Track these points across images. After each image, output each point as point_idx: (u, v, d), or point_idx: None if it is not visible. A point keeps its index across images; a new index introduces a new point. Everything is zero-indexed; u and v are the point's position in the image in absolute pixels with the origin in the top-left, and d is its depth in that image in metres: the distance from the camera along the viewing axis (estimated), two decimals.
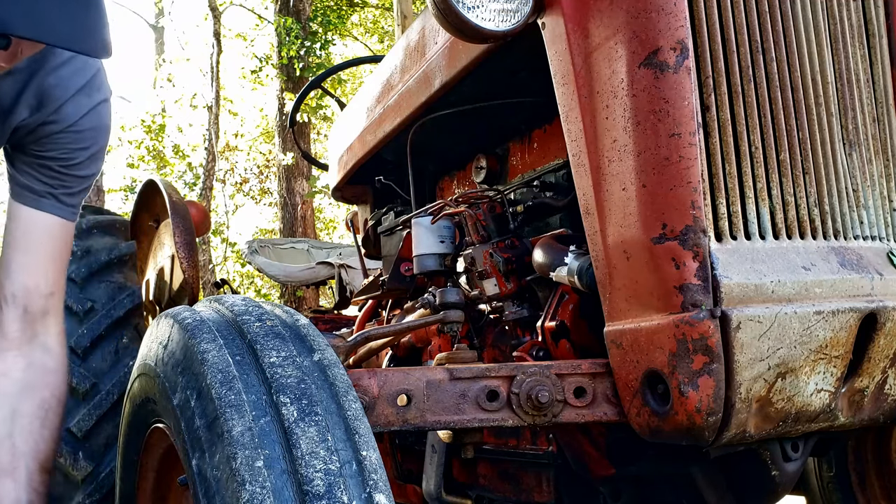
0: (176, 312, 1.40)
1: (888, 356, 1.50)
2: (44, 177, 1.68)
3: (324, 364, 1.24)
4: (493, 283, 1.89)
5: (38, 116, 1.63)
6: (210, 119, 15.04)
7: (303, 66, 11.75)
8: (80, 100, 1.66)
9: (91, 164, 1.73)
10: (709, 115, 1.42)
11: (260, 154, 19.17)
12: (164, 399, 1.31)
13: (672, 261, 1.37)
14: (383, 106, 2.44)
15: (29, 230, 1.69)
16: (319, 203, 16.70)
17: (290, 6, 12.05)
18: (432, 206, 2.12)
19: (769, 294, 1.38)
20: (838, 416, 1.47)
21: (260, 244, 5.91)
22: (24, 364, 1.67)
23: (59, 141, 1.66)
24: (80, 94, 1.65)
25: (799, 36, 1.54)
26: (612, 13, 1.44)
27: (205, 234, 5.29)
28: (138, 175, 16.85)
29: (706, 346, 1.32)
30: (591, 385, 1.49)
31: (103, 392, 2.56)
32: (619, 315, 1.47)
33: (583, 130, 1.50)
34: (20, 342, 1.68)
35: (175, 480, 1.48)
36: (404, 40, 2.32)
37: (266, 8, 16.98)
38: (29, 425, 1.62)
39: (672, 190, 1.38)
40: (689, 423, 1.34)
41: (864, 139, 1.64)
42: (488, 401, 1.47)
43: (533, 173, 2.04)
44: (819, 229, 1.52)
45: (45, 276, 1.69)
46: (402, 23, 8.99)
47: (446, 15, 1.54)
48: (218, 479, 1.09)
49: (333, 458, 1.09)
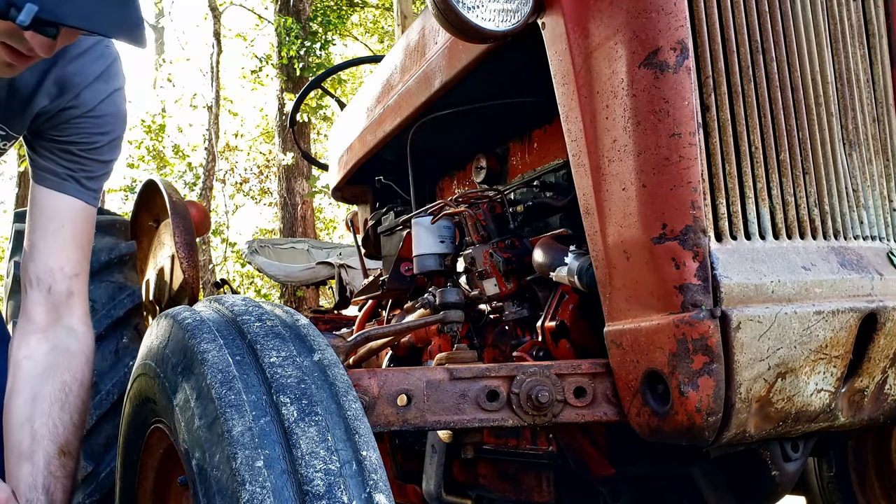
0: (176, 312, 1.40)
1: (888, 356, 1.50)
2: (65, 161, 1.71)
3: (324, 364, 1.24)
4: (493, 283, 1.89)
5: (57, 103, 1.65)
6: (210, 119, 15.04)
7: (303, 66, 11.74)
8: (98, 86, 1.68)
9: (110, 149, 1.76)
10: (709, 115, 1.42)
11: (260, 154, 19.18)
12: (164, 399, 1.31)
13: (672, 261, 1.37)
14: (383, 106, 2.44)
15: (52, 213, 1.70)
16: (319, 203, 16.70)
17: (290, 6, 12.05)
18: (432, 206, 2.12)
19: (769, 294, 1.38)
20: (838, 416, 1.47)
21: (260, 244, 5.91)
22: (47, 347, 1.66)
23: (79, 125, 1.69)
24: (98, 81, 1.68)
25: (799, 36, 1.54)
26: (612, 13, 1.44)
27: (205, 234, 5.28)
28: (138, 175, 16.84)
29: (706, 346, 1.32)
30: (591, 385, 1.49)
31: (103, 392, 2.56)
32: (619, 315, 1.47)
33: (583, 130, 1.50)
34: (45, 325, 1.67)
35: (175, 480, 1.48)
36: (404, 40, 2.32)
37: (266, 8, 17.02)
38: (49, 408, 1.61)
39: (672, 190, 1.38)
40: (689, 423, 1.34)
41: (864, 139, 1.64)
42: (488, 401, 1.47)
43: (533, 173, 2.04)
44: (819, 229, 1.52)
45: (69, 258, 1.69)
46: (402, 23, 8.99)
47: (446, 15, 1.54)
48: (218, 479, 1.09)
49: (333, 458, 1.09)
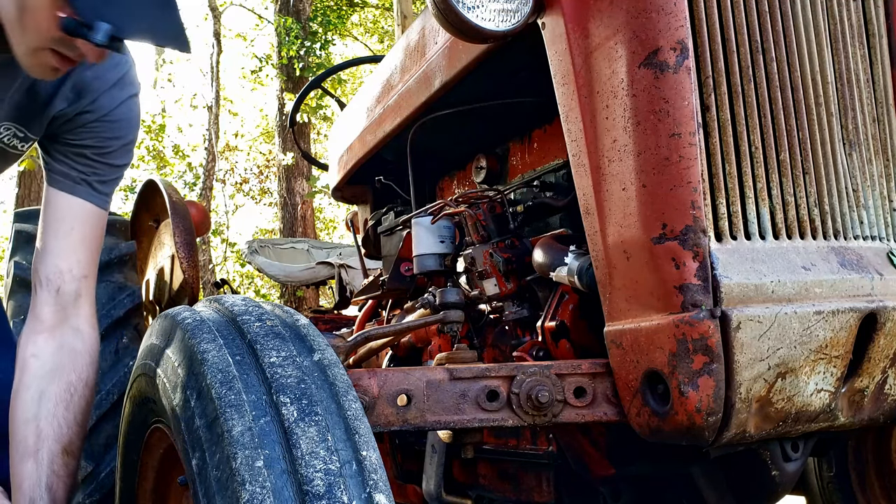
0: (176, 312, 1.40)
1: (888, 356, 1.50)
2: (79, 164, 1.74)
3: (324, 364, 1.24)
4: (493, 283, 1.89)
5: (75, 107, 1.69)
6: (210, 119, 15.04)
7: (303, 66, 11.74)
8: (114, 93, 1.72)
9: (123, 154, 1.79)
10: (709, 115, 1.42)
11: (260, 154, 19.18)
12: (164, 399, 1.31)
13: (672, 261, 1.37)
14: (383, 106, 2.44)
15: (64, 215, 1.73)
16: (319, 203, 16.70)
17: (290, 6, 12.05)
18: (432, 206, 2.12)
19: (769, 294, 1.38)
20: (838, 416, 1.47)
21: (260, 244, 5.92)
22: (54, 346, 1.68)
23: (93, 129, 1.72)
24: (115, 88, 1.72)
25: (799, 36, 1.54)
26: (612, 13, 1.44)
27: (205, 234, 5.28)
28: (138, 175, 16.86)
29: (706, 346, 1.32)
30: (591, 385, 1.49)
31: (103, 392, 2.56)
32: (619, 315, 1.47)
33: (583, 130, 1.50)
34: (52, 324, 1.70)
35: (175, 480, 1.48)
36: (404, 40, 2.32)
37: (266, 8, 17.02)
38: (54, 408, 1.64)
39: (672, 190, 1.38)
40: (689, 423, 1.34)
41: (864, 139, 1.64)
42: (488, 401, 1.47)
43: (533, 173, 2.04)
44: (819, 229, 1.52)
45: (78, 260, 1.73)
46: (402, 23, 8.99)
47: (446, 15, 1.54)
48: (218, 479, 1.09)
49: (333, 458, 1.09)
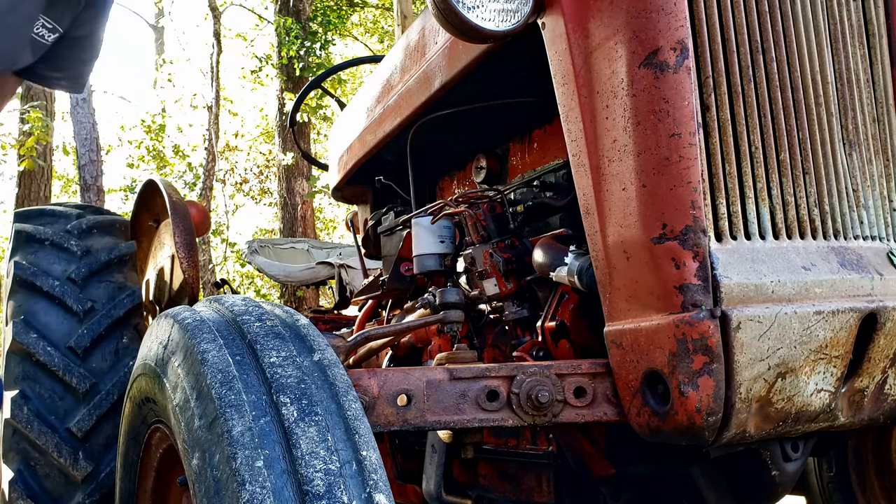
0: (176, 312, 1.40)
1: (888, 356, 1.50)
2: None
3: (324, 364, 1.24)
4: (493, 283, 1.89)
5: None
6: (210, 119, 15.03)
7: (303, 66, 11.74)
8: None
9: None
10: (709, 115, 1.42)
11: (260, 154, 19.17)
12: (164, 399, 1.31)
13: (672, 261, 1.37)
14: (383, 106, 2.44)
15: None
16: (319, 203, 16.70)
17: (290, 6, 12.05)
18: (432, 206, 2.12)
19: (769, 294, 1.38)
20: (838, 416, 1.47)
21: (260, 244, 5.91)
22: None
23: None
24: None
25: (799, 36, 1.54)
26: (612, 13, 1.44)
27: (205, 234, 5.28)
28: (138, 175, 16.84)
29: (706, 346, 1.32)
30: (591, 385, 1.49)
31: (103, 392, 2.56)
32: (619, 315, 1.47)
33: (583, 130, 1.50)
34: None
35: (175, 480, 1.49)
36: (404, 40, 2.32)
37: (266, 8, 17.00)
38: None
39: (672, 190, 1.38)
40: (689, 423, 1.34)
41: (864, 139, 1.64)
42: (488, 401, 1.47)
43: (533, 173, 2.04)
44: (819, 229, 1.52)
45: None
46: (402, 23, 8.99)
47: (446, 15, 1.54)
48: (218, 479, 1.09)
49: (333, 458, 1.09)
